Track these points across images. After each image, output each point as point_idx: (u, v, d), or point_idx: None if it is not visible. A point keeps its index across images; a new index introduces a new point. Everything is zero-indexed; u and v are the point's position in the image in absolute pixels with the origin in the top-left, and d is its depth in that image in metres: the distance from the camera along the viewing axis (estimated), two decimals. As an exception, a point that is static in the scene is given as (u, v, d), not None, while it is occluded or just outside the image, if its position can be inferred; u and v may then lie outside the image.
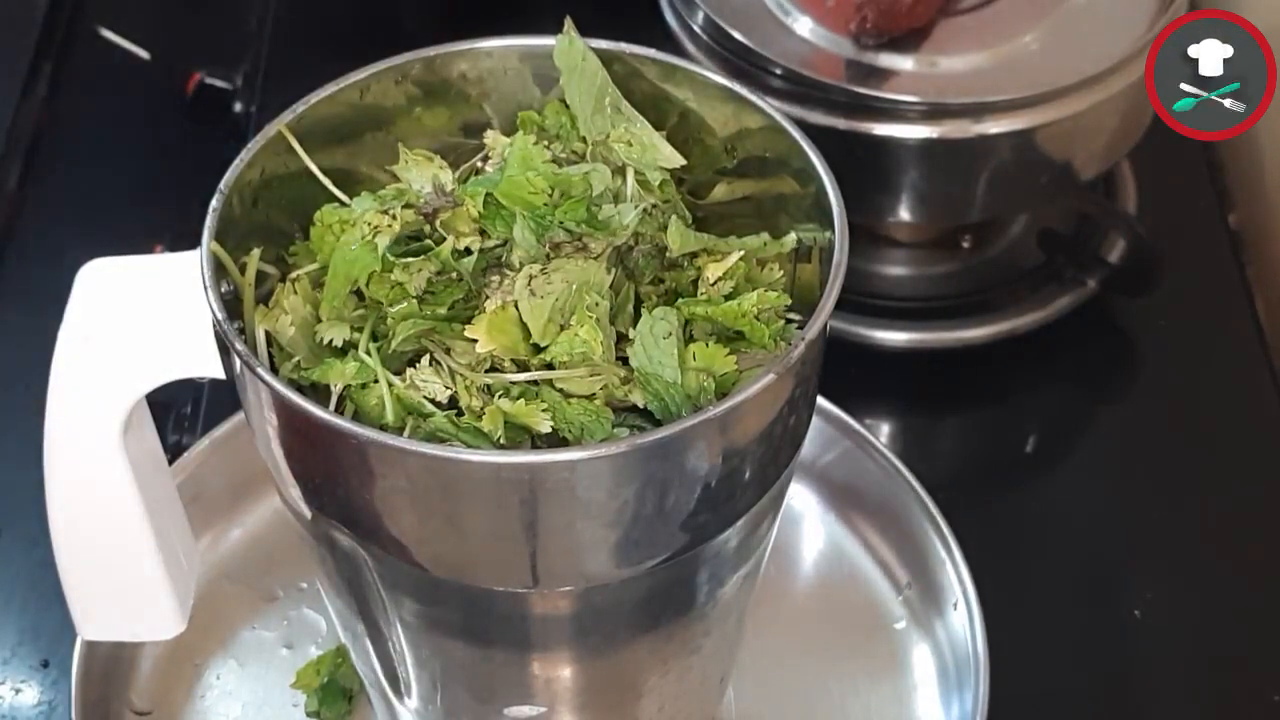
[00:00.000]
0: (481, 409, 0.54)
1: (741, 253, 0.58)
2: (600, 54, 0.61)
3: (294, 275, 0.58)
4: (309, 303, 0.57)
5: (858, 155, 0.85)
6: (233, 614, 0.78)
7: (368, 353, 0.55)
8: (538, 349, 0.55)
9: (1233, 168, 1.05)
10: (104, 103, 1.10)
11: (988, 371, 0.94)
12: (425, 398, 0.55)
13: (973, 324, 0.94)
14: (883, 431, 0.91)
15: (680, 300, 0.57)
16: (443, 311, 0.56)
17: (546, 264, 0.55)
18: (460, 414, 0.55)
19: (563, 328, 0.55)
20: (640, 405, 0.55)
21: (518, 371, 0.56)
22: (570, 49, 0.61)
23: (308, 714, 0.75)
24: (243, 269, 0.57)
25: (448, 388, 0.55)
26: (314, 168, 0.59)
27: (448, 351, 0.56)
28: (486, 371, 0.55)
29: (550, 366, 0.55)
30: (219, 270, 0.55)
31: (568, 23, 0.61)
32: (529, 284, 0.55)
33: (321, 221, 0.58)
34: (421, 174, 0.60)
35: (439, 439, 0.54)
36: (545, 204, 0.56)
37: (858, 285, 0.94)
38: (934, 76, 0.87)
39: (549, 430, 0.54)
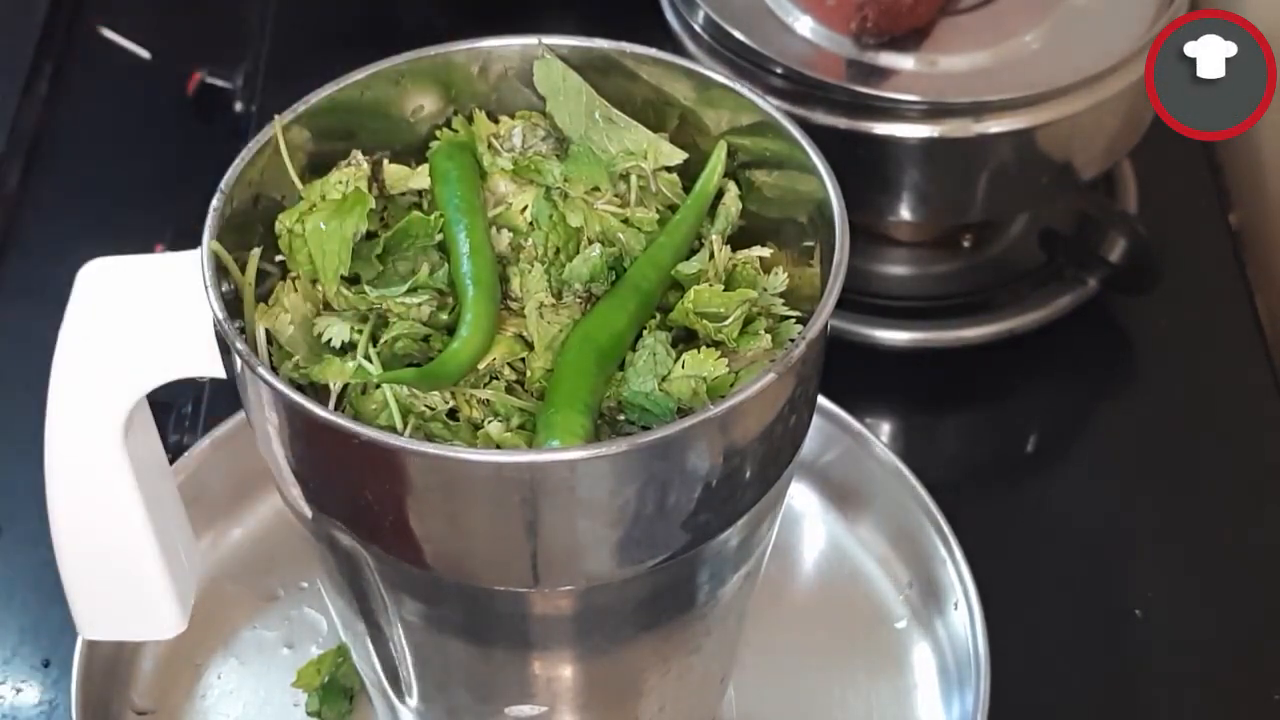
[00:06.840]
0: (481, 421, 0.55)
1: (698, 267, 0.58)
2: (601, 54, 0.61)
3: (294, 273, 0.58)
4: (309, 301, 0.57)
5: (858, 155, 0.85)
6: (234, 613, 0.78)
7: (368, 358, 0.55)
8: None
9: (1233, 168, 1.05)
10: (104, 103, 1.10)
11: (988, 371, 0.94)
12: (426, 406, 0.55)
13: (973, 324, 0.94)
14: (883, 431, 0.91)
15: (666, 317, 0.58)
16: (444, 318, 0.57)
17: (558, 301, 0.57)
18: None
19: None
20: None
21: (515, 376, 0.56)
22: (549, 72, 0.61)
23: (309, 713, 0.75)
24: (243, 268, 0.57)
25: (447, 402, 0.55)
26: (293, 172, 0.59)
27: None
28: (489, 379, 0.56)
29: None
30: (219, 269, 0.55)
31: (542, 45, 0.61)
32: (539, 309, 0.56)
33: (284, 226, 0.58)
34: None
35: (440, 438, 0.54)
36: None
37: (858, 285, 0.94)
38: (934, 76, 0.87)
39: None
